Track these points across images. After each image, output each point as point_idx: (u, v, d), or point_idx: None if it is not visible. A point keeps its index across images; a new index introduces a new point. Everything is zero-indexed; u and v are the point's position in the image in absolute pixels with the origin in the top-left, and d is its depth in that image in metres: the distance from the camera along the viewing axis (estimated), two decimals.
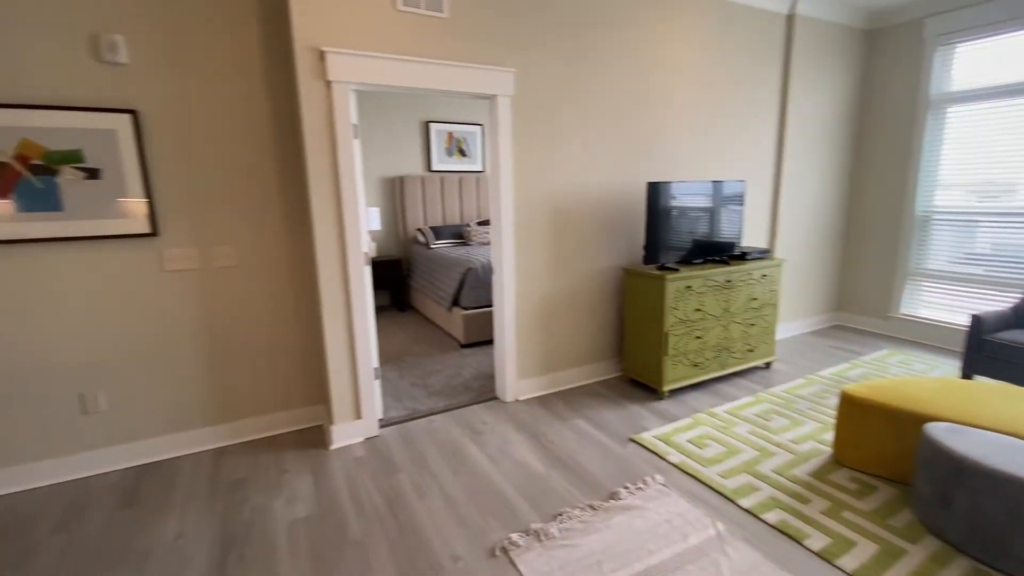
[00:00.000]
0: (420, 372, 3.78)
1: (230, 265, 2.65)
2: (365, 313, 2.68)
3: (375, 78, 2.49)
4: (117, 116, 2.31)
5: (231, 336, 2.71)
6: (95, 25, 2.24)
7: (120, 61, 2.29)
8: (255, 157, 2.63)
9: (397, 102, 5.86)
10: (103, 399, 2.47)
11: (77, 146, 2.26)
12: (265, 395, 2.84)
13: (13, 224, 2.19)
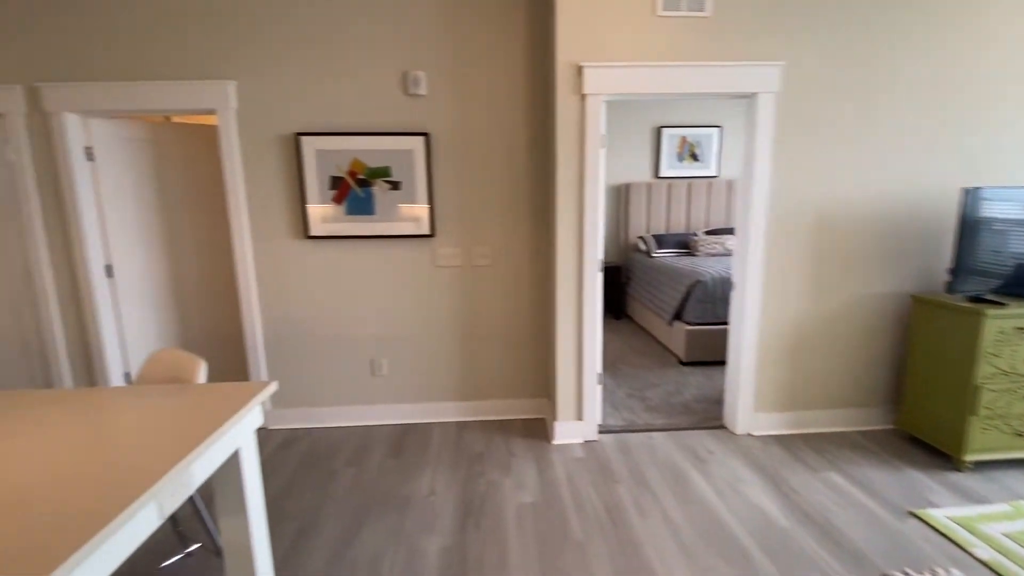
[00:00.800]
0: (637, 384, 3.69)
1: (485, 264, 3.00)
2: (594, 318, 2.73)
3: (628, 88, 2.51)
4: (415, 138, 2.83)
5: (479, 325, 3.07)
6: (406, 64, 2.78)
7: (421, 93, 2.80)
8: (512, 169, 2.92)
9: (630, 109, 5.86)
10: (385, 366, 3.07)
11: (387, 164, 2.85)
12: (501, 382, 3.14)
13: (343, 224, 2.89)
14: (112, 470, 1.06)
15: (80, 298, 2.88)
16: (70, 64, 2.68)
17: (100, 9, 2.63)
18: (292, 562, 1.92)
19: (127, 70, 2.69)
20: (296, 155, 2.82)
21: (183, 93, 2.71)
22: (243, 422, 1.40)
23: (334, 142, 2.80)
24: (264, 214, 2.88)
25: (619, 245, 6.06)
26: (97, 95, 2.68)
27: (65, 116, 2.70)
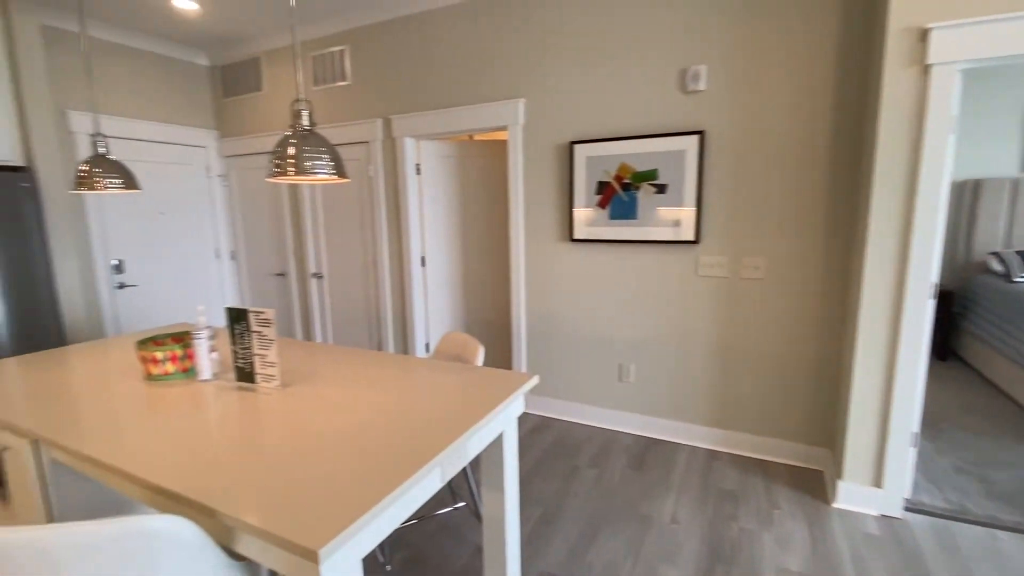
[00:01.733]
0: (973, 456, 2.69)
1: (756, 277, 2.63)
2: (916, 360, 2.07)
3: (1002, 48, 1.79)
4: (687, 138, 2.65)
5: (743, 347, 2.71)
6: (684, 60, 2.62)
7: (699, 88, 2.61)
8: (804, 167, 2.46)
9: (984, 80, 4.30)
10: (633, 372, 3.01)
11: (654, 166, 2.75)
12: (764, 416, 2.71)
13: (605, 228, 2.92)
14: (411, 432, 1.27)
15: (403, 281, 3.69)
16: (410, 99, 3.43)
17: (430, 55, 3.29)
18: (534, 544, 2.04)
19: (446, 99, 3.30)
20: (568, 162, 2.99)
21: (484, 114, 3.16)
22: (508, 409, 1.53)
23: (604, 148, 2.85)
24: (537, 218, 3.14)
25: (953, 263, 4.55)
26: (424, 122, 3.37)
27: (405, 140, 3.48)
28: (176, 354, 1.66)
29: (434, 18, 3.25)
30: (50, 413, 1.44)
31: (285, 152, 1.24)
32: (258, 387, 1.58)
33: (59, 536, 0.84)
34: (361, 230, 3.81)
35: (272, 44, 3.89)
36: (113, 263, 3.71)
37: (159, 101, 3.93)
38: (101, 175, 1.77)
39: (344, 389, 1.58)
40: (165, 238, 4.04)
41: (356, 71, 3.60)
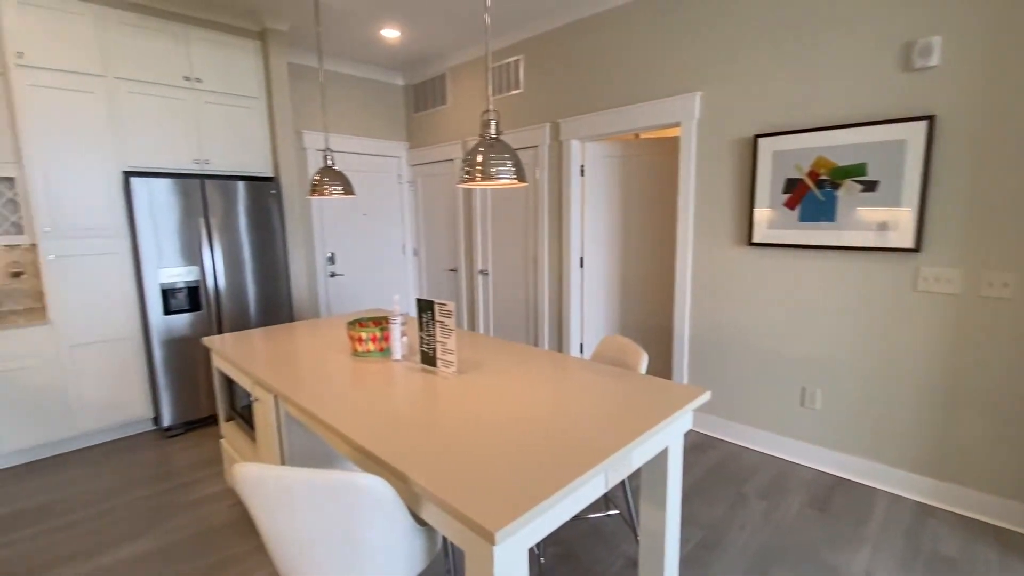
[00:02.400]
0: None
1: (1001, 296, 2.08)
2: None
3: None
4: (910, 125, 2.21)
5: (975, 382, 2.17)
6: (909, 33, 2.18)
7: (930, 64, 2.15)
8: None
9: None
10: (819, 398, 2.62)
11: (862, 160, 2.35)
12: (1001, 472, 2.13)
13: (793, 231, 2.59)
14: (577, 432, 1.28)
15: (561, 281, 3.76)
16: (578, 102, 3.47)
17: (600, 57, 3.27)
18: (692, 569, 1.90)
19: (614, 99, 3.26)
20: (751, 158, 2.72)
21: (655, 111, 3.05)
22: (675, 424, 1.45)
23: (795, 140, 2.53)
24: (709, 219, 2.92)
25: None
26: (590, 123, 3.37)
27: (571, 142, 3.53)
28: (375, 336, 1.92)
29: (606, 19, 3.23)
30: (285, 375, 1.79)
31: (474, 159, 1.35)
32: (438, 371, 1.75)
33: (300, 476, 1.04)
34: (524, 230, 3.98)
35: (456, 60, 4.28)
36: (327, 255, 4.48)
37: (365, 118, 4.62)
38: (328, 183, 2.15)
39: (513, 381, 1.66)
40: (365, 236, 4.73)
41: (528, 79, 3.77)
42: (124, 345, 3.11)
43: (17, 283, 3.13)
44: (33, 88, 2.73)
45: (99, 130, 2.93)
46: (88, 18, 2.85)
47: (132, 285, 3.10)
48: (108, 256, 3.01)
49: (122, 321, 3.09)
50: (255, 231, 3.47)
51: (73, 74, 2.83)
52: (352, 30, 3.68)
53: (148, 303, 3.08)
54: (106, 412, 3.08)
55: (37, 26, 2.71)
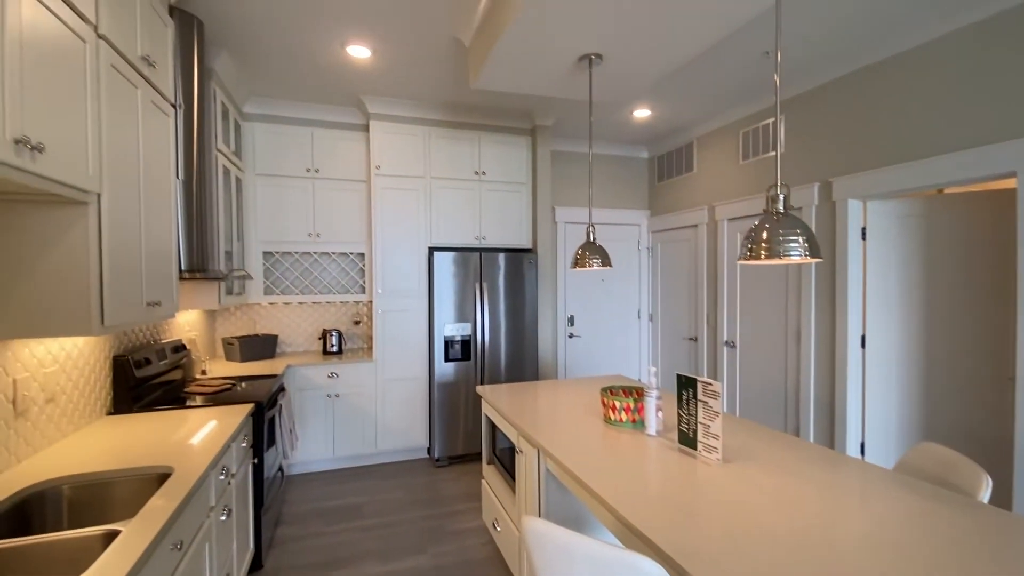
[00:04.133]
0: None
1: None
2: None
3: None
4: None
5: None
6: None
7: None
8: None
9: None
10: None
11: None
12: None
13: None
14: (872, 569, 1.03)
15: (834, 362, 3.19)
16: (855, 158, 3.03)
17: (879, 107, 2.82)
18: None
19: (903, 152, 2.74)
20: None
21: (969, 161, 2.45)
22: None
23: None
24: None
25: None
26: (872, 180, 2.89)
27: (848, 202, 3.08)
28: (629, 406, 1.95)
29: (882, 69, 2.80)
30: (546, 432, 1.94)
31: (759, 236, 1.30)
32: (698, 455, 1.66)
33: (583, 546, 1.10)
34: (784, 299, 3.56)
35: (704, 129, 4.27)
36: (568, 317, 4.80)
37: (610, 191, 4.93)
38: (589, 257, 2.35)
39: (786, 482, 1.46)
40: (602, 300, 4.93)
41: (790, 139, 3.49)
42: (415, 384, 3.86)
43: (356, 329, 4.24)
44: (383, 190, 3.78)
45: (417, 217, 3.86)
46: (419, 137, 3.85)
47: (425, 336, 3.88)
48: (412, 312, 3.85)
49: (417, 364, 3.86)
50: (513, 295, 3.98)
51: (406, 177, 3.83)
52: (609, 115, 4.05)
53: (435, 351, 3.79)
54: (398, 438, 3.82)
55: (388, 145, 3.78)
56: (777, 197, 1.33)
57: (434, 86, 3.50)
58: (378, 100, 3.71)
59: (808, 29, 2.69)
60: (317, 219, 3.84)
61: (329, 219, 3.88)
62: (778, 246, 1.25)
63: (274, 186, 3.75)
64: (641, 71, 2.64)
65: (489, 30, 2.49)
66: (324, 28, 2.71)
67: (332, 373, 3.62)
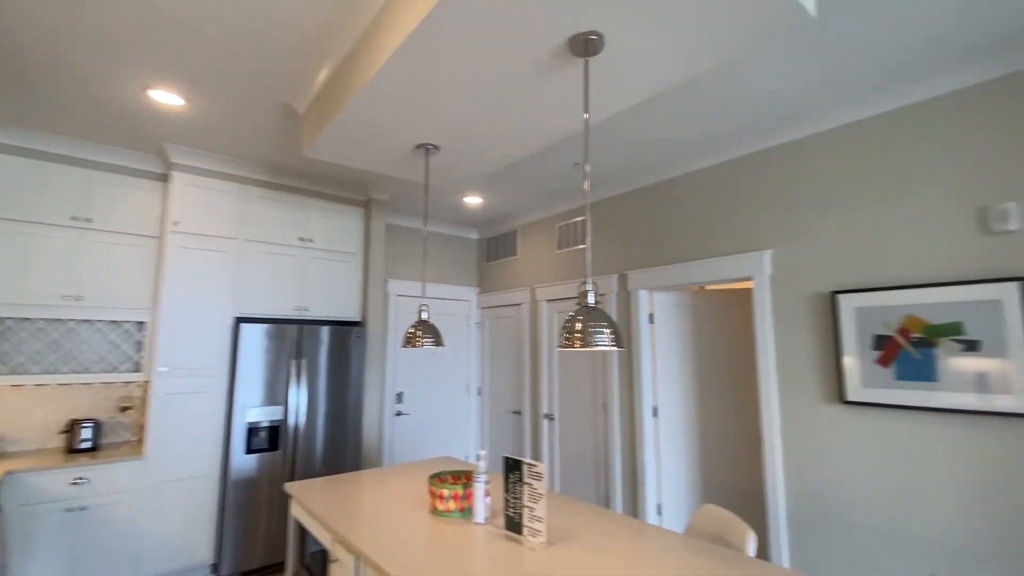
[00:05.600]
0: None
1: None
2: None
3: None
4: (1002, 285, 2.16)
5: None
6: (982, 199, 2.25)
7: (1009, 229, 2.16)
8: None
9: None
10: None
11: (957, 319, 2.27)
12: None
13: (891, 391, 2.43)
14: None
15: (634, 430, 3.60)
16: (643, 255, 3.67)
17: (666, 215, 3.54)
18: None
19: (682, 254, 3.43)
20: (831, 314, 2.69)
21: (723, 266, 3.16)
22: None
23: (878, 298, 2.51)
24: (792, 374, 2.82)
25: None
26: (657, 275, 3.52)
27: (640, 292, 3.66)
28: (457, 494, 1.89)
29: (669, 185, 3.55)
30: (366, 533, 1.75)
31: (574, 327, 1.44)
32: (524, 540, 1.66)
33: None
34: (592, 374, 3.96)
35: (527, 219, 4.74)
36: (396, 393, 4.59)
37: (442, 267, 5.06)
38: (422, 336, 2.32)
39: (611, 561, 1.54)
40: (432, 374, 4.86)
41: (595, 234, 4.08)
42: (202, 484, 3.18)
43: (124, 417, 3.39)
44: (180, 249, 3.25)
45: (223, 283, 3.38)
46: (232, 195, 3.48)
47: (221, 423, 3.28)
48: (207, 395, 3.25)
49: (207, 458, 3.21)
50: (337, 371, 3.67)
51: (213, 237, 3.37)
52: (444, 198, 4.23)
53: (233, 441, 3.21)
54: (174, 555, 3.05)
55: (192, 200, 3.32)
56: (587, 293, 1.50)
57: (258, 146, 3.25)
58: (185, 150, 3.28)
59: (614, 150, 3.26)
60: (82, 278, 3.10)
61: (99, 279, 3.15)
62: (590, 336, 1.40)
63: (15, 234, 2.94)
64: (473, 165, 2.85)
65: (326, 104, 2.45)
66: (118, 71, 2.36)
67: (79, 478, 2.78)
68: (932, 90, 2.41)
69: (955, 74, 2.34)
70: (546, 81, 1.99)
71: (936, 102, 2.41)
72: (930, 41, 2.15)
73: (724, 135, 3.05)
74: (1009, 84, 2.22)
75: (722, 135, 3.05)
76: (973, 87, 2.31)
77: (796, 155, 2.90)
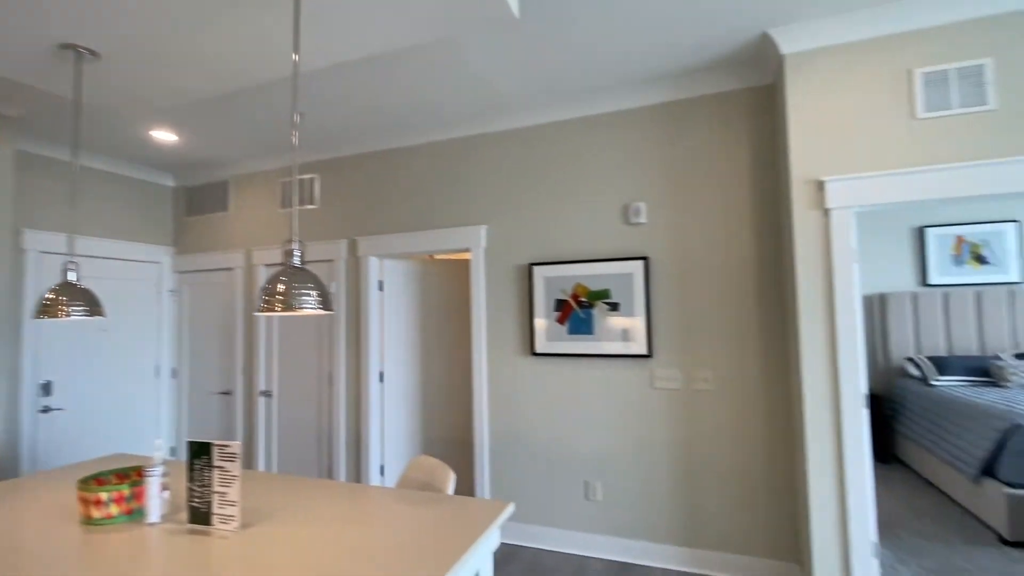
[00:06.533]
0: (933, 564, 2.75)
1: (707, 388, 2.78)
2: (862, 467, 2.20)
3: (883, 198, 2.21)
4: (634, 263, 2.94)
5: (703, 460, 2.77)
6: (626, 197, 3.00)
7: (640, 221, 2.95)
8: (736, 289, 2.76)
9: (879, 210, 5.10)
10: (600, 490, 2.97)
11: (607, 287, 2.99)
12: (733, 532, 2.70)
13: (565, 342, 3.06)
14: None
15: (360, 398, 3.59)
16: (376, 222, 3.64)
17: (396, 184, 3.58)
18: None
19: (411, 223, 3.53)
20: (528, 282, 3.19)
21: (448, 237, 3.39)
22: (485, 544, 1.48)
23: (560, 269, 3.09)
24: (499, 333, 3.25)
25: (876, 368, 4.98)
26: (387, 243, 3.55)
27: (369, 259, 3.62)
28: (122, 495, 1.52)
29: (400, 154, 3.58)
30: None
31: (275, 289, 1.30)
32: (214, 530, 1.46)
33: None
34: (318, 345, 3.76)
35: (242, 170, 4.10)
36: (40, 383, 3.42)
37: (119, 219, 3.95)
38: (68, 303, 1.74)
39: (310, 528, 1.49)
40: (103, 357, 3.80)
41: (324, 196, 3.82)
42: None
43: None
44: None
45: None
46: None
47: None
48: None
49: None
50: None
51: None
52: (111, 126, 3.25)
53: None
54: None
55: None
56: (292, 252, 1.38)
57: None
58: None
59: (346, 107, 3.05)
60: None
61: None
62: (294, 299, 1.30)
63: None
64: (149, 89, 2.27)
65: None
66: None
67: None
68: (618, 105, 3.05)
69: (632, 96, 3.01)
70: (246, 3, 1.71)
71: (615, 116, 3.07)
72: (614, 65, 2.70)
73: (453, 114, 3.22)
74: (653, 112, 2.99)
75: (451, 113, 3.22)
76: (636, 109, 3.02)
77: (508, 142, 3.29)
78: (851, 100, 2.30)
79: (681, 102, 2.91)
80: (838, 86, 2.32)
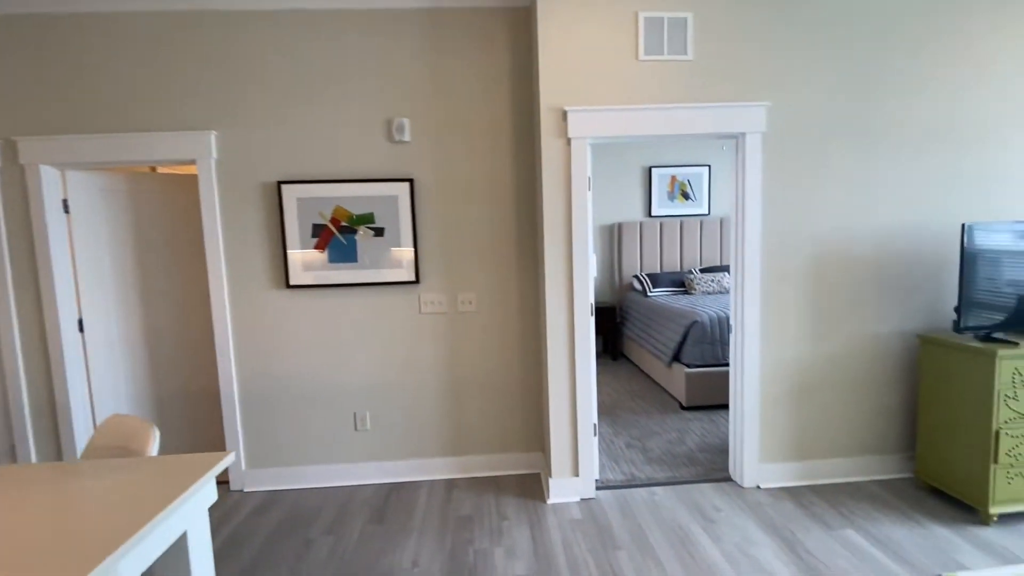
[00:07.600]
0: (637, 432, 3.52)
1: (470, 310, 2.89)
2: (588, 365, 2.60)
3: (613, 130, 2.48)
4: (399, 184, 2.78)
5: (467, 376, 2.93)
6: (390, 112, 2.76)
7: (405, 140, 2.77)
8: (497, 213, 2.86)
9: (620, 149, 5.91)
10: (369, 419, 2.91)
11: (371, 210, 2.78)
12: (492, 435, 2.97)
13: (326, 272, 2.79)
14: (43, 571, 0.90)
15: (49, 356, 2.74)
16: (49, 117, 2.65)
17: (87, 65, 2.62)
18: None
19: (108, 122, 2.67)
20: (277, 204, 2.76)
21: (164, 144, 2.67)
22: (191, 501, 1.25)
23: (316, 189, 2.75)
24: (243, 264, 2.78)
25: (613, 285, 5.99)
26: (76, 147, 2.64)
27: (42, 169, 2.65)
28: None
29: (89, 21, 2.61)
30: None
31: None
32: None
33: None
34: None
35: None
36: None
37: None
38: None
39: None
40: None
41: None
42: None
43: None
44: None
45: None
46: None
47: None
48: None
49: None
50: None
51: None
52: None
53: None
54: None
55: None
56: None
57: None
58: None
59: None
60: None
61: None
62: None
63: None
64: None
65: None
66: None
67: None
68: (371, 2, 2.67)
69: None
70: None
71: (374, 14, 2.70)
72: None
73: None
74: (412, 17, 2.72)
75: None
76: (393, 10, 2.70)
77: (237, 25, 2.66)
78: (592, 35, 2.45)
79: (443, 11, 2.72)
80: (583, 20, 2.44)
